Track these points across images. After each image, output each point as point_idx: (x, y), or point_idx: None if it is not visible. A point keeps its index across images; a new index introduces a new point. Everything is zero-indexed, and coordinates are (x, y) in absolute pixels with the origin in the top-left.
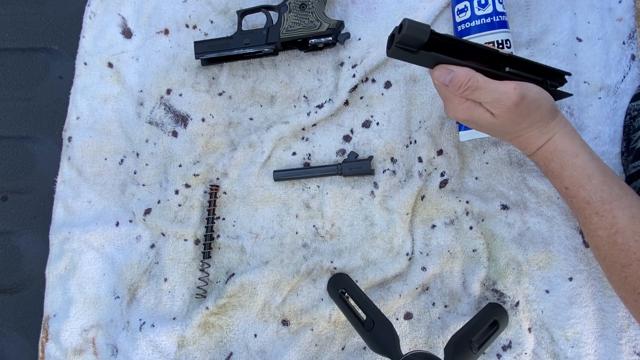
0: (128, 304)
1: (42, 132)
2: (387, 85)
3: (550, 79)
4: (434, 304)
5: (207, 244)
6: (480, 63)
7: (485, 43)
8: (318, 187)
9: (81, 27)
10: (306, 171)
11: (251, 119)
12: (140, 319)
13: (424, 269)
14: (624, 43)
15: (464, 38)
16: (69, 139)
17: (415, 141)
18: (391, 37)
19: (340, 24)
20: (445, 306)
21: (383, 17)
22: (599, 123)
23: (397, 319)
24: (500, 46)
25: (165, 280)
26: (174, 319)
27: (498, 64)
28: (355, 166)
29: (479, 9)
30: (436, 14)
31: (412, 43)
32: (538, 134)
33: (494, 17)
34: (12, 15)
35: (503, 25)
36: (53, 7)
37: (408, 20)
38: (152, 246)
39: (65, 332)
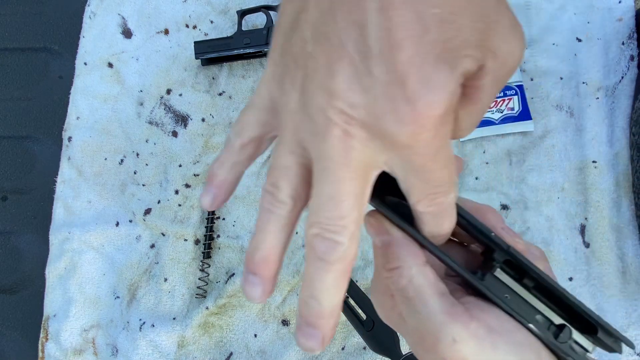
0: (128, 304)
1: (42, 132)
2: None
3: (585, 329)
4: None
5: (207, 244)
6: (467, 237)
7: None
8: None
9: (81, 27)
10: None
11: None
12: (140, 319)
13: None
14: (623, 44)
15: None
16: (69, 139)
17: None
18: None
19: None
20: None
21: None
22: (597, 124)
23: None
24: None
25: (165, 280)
26: (174, 319)
27: (490, 253)
28: None
29: None
30: None
31: None
32: None
33: None
34: (12, 15)
35: None
36: (53, 7)
37: None
38: (152, 246)
39: (65, 332)
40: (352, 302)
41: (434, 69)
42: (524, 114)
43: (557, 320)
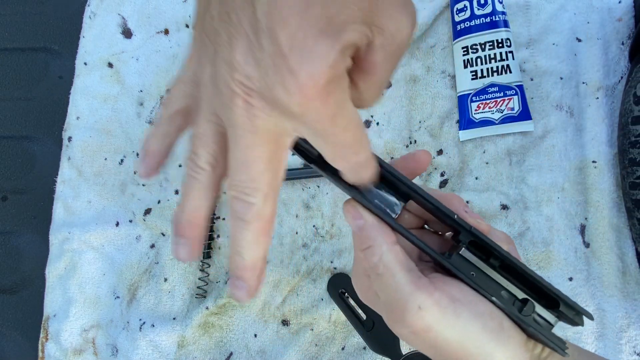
0: (128, 304)
1: (42, 132)
2: (387, 85)
3: (547, 304)
4: None
5: (207, 244)
6: (438, 223)
7: (486, 42)
8: (318, 187)
9: (81, 27)
10: (306, 171)
11: None
12: (140, 319)
13: None
14: (622, 44)
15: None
16: (69, 139)
17: (415, 141)
18: None
19: None
20: None
21: None
22: (596, 124)
23: None
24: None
25: (165, 280)
26: (174, 319)
27: (457, 236)
28: None
29: (478, 9)
30: (436, 14)
31: (304, 150)
32: None
33: (494, 17)
34: (12, 15)
35: (504, 24)
36: (53, 7)
37: None
38: (152, 246)
39: (65, 332)
40: (352, 302)
41: (315, 42)
42: (524, 114)
43: (522, 296)
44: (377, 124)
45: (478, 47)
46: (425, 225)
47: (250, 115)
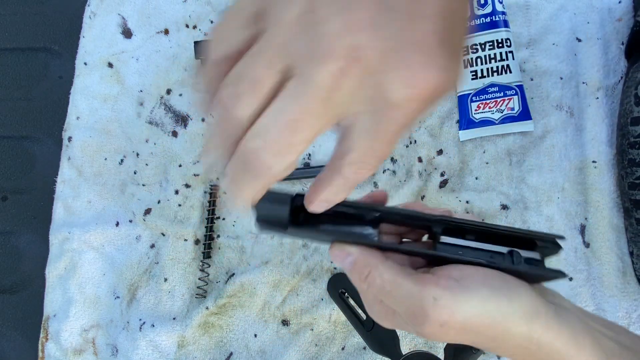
0: (128, 304)
1: (42, 132)
2: None
3: (528, 248)
4: None
5: (207, 244)
6: (412, 232)
7: (486, 42)
8: None
9: (81, 27)
10: (306, 171)
11: None
12: (140, 319)
13: None
14: (622, 44)
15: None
16: (69, 139)
17: (415, 141)
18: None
19: None
20: None
21: None
22: (597, 124)
23: None
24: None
25: (165, 280)
26: (174, 319)
27: (430, 230)
28: None
29: (478, 9)
30: None
31: (274, 221)
32: (515, 348)
33: (494, 17)
34: (12, 15)
35: (504, 24)
36: (53, 7)
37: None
38: (152, 246)
39: (65, 332)
40: (352, 302)
41: (452, 54)
42: (524, 114)
43: (506, 250)
44: None
45: (478, 47)
46: (403, 239)
47: (335, 84)
